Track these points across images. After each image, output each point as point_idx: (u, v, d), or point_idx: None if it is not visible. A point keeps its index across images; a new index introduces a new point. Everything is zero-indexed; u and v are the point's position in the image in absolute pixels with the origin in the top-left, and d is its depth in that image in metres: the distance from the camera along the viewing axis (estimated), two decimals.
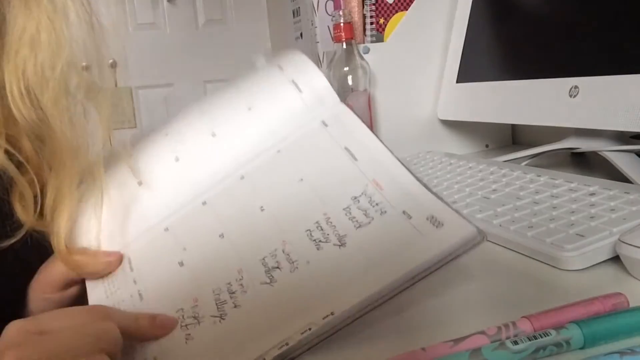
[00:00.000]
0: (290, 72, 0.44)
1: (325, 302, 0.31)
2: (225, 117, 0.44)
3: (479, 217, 0.49)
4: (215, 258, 0.37)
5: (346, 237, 0.34)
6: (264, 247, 0.36)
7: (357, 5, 0.82)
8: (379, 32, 0.83)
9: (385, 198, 0.35)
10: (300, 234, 0.35)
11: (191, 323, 0.33)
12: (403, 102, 0.84)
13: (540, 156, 0.70)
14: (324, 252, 0.34)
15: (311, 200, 0.37)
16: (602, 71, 0.56)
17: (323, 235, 0.35)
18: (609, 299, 0.31)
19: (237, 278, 0.35)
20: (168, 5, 2.14)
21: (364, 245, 0.33)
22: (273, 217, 0.38)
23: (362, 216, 0.34)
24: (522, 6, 0.72)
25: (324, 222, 0.35)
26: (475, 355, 0.27)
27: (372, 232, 0.34)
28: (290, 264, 0.34)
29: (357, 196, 0.36)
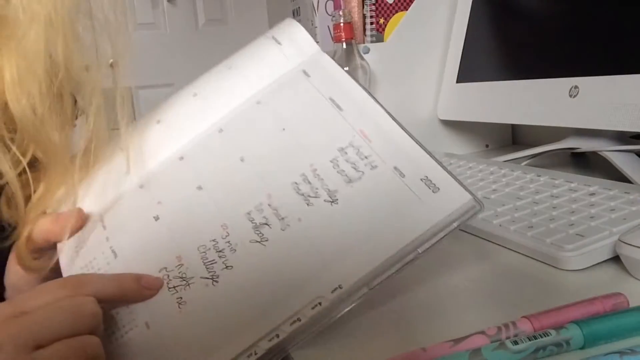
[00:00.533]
0: (271, 31, 0.44)
1: (330, 273, 0.29)
2: (206, 79, 0.44)
3: (479, 217, 0.49)
4: (194, 211, 0.35)
5: (337, 192, 0.32)
6: (247, 200, 0.33)
7: (357, 5, 0.82)
8: (379, 32, 0.83)
9: (375, 151, 0.33)
10: (285, 187, 0.33)
11: (179, 285, 0.31)
12: (403, 102, 0.84)
13: (540, 156, 0.70)
14: (316, 208, 0.32)
15: (295, 150, 0.35)
16: (602, 71, 0.56)
17: (312, 190, 0.32)
18: (609, 299, 0.31)
19: (222, 235, 0.32)
20: (168, 5, 2.14)
21: (358, 204, 0.31)
22: (254, 168, 0.35)
23: (352, 170, 0.33)
24: (522, 6, 0.72)
25: (310, 174, 0.33)
26: (475, 355, 0.27)
27: (365, 190, 0.32)
28: (279, 221, 0.32)
29: (344, 147, 0.34)
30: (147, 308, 0.31)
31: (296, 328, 0.28)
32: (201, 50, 2.20)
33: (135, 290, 0.32)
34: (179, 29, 2.18)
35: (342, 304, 0.29)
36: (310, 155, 0.34)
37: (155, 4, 2.14)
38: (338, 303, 0.29)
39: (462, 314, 0.35)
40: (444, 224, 0.30)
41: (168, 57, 2.17)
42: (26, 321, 0.27)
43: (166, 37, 2.17)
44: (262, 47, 0.43)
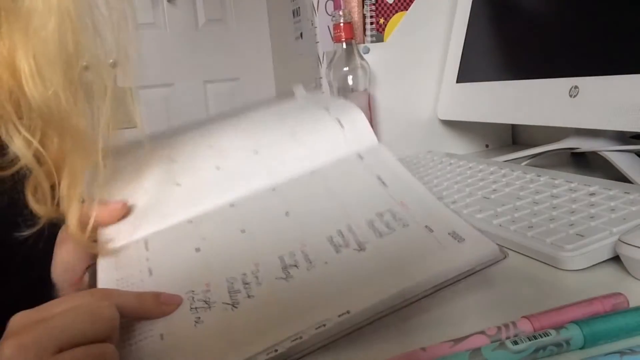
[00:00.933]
0: (335, 112, 0.49)
1: (342, 301, 0.31)
2: (268, 139, 0.48)
3: (479, 217, 0.49)
4: (233, 249, 0.38)
5: (367, 243, 0.36)
6: (283, 246, 0.37)
7: (357, 5, 0.82)
8: (379, 32, 0.83)
9: (409, 214, 0.37)
10: (320, 238, 0.37)
11: (201, 307, 0.34)
12: (403, 102, 0.84)
13: (540, 156, 0.70)
14: (343, 255, 0.35)
15: (337, 212, 0.40)
16: (602, 71, 0.56)
17: (343, 241, 0.36)
18: (609, 299, 0.31)
19: (252, 270, 0.36)
20: (168, 5, 2.14)
21: (384, 251, 0.35)
22: (297, 222, 0.40)
23: (384, 227, 0.37)
24: (522, 6, 0.72)
25: (346, 230, 0.37)
26: (475, 355, 0.27)
27: (393, 241, 0.35)
28: (307, 263, 0.35)
29: (382, 212, 0.38)
30: (165, 322, 0.33)
31: (296, 345, 0.30)
32: (201, 50, 2.20)
33: (154, 306, 0.34)
34: (179, 29, 2.18)
35: (347, 328, 0.31)
36: (349, 217, 0.39)
37: (155, 4, 2.13)
38: (343, 326, 0.31)
39: (462, 314, 0.35)
40: (463, 267, 0.32)
41: (168, 57, 2.17)
42: (48, 326, 0.28)
43: (166, 37, 2.17)
44: (325, 124, 0.48)
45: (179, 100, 2.21)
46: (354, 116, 0.48)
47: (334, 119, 0.48)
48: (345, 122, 0.47)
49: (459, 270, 0.32)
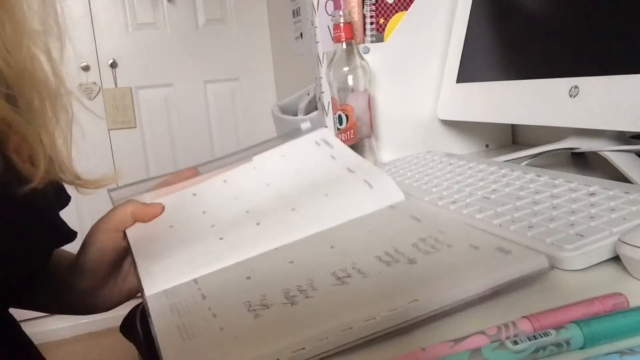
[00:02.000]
0: (362, 174, 0.53)
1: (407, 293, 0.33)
2: (304, 198, 0.52)
3: (479, 217, 0.49)
4: (283, 274, 0.41)
5: (416, 259, 0.38)
6: (336, 265, 0.40)
7: (357, 5, 0.82)
8: (379, 32, 0.83)
9: (451, 237, 0.40)
10: (369, 258, 0.40)
11: (260, 308, 0.36)
12: (403, 102, 0.84)
13: (540, 156, 0.70)
14: (395, 267, 0.38)
15: (381, 240, 0.43)
16: (602, 71, 0.56)
17: (392, 259, 0.39)
18: (609, 299, 0.31)
19: (306, 282, 0.38)
20: (168, 5, 2.14)
21: (434, 263, 0.37)
22: (342, 251, 0.43)
23: (430, 248, 0.39)
24: (522, 6, 0.72)
25: (392, 250, 0.40)
26: (475, 355, 0.27)
27: (441, 256, 0.38)
28: (361, 274, 0.38)
29: (425, 237, 0.41)
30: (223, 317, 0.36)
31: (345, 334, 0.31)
32: (201, 50, 2.20)
33: None
34: (179, 29, 2.18)
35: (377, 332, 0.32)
36: (393, 241, 0.42)
37: (155, 4, 2.14)
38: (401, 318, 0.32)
39: (462, 314, 0.35)
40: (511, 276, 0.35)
41: (168, 57, 2.17)
42: None
43: (166, 37, 2.17)
44: (355, 185, 0.52)
45: (179, 100, 2.21)
46: (380, 177, 0.52)
47: (362, 180, 0.52)
48: (373, 183, 0.51)
49: (508, 277, 0.34)
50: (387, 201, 0.50)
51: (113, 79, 2.10)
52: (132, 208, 0.51)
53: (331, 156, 0.58)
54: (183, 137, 2.22)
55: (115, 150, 2.14)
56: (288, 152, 0.61)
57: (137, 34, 2.12)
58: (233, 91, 2.28)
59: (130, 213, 0.51)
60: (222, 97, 2.27)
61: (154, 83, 2.17)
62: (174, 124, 2.23)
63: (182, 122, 2.23)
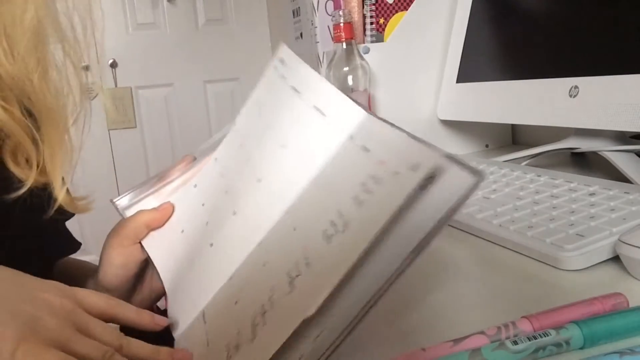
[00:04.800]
0: (310, 96, 0.44)
1: None
2: (265, 162, 0.46)
3: (479, 217, 0.49)
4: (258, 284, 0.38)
5: (350, 222, 0.32)
6: (290, 262, 0.36)
7: (357, 5, 0.82)
8: (379, 32, 0.83)
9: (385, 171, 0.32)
10: (317, 237, 0.35)
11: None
12: (403, 102, 0.84)
13: (540, 156, 0.70)
14: (334, 243, 0.33)
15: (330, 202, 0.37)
16: (602, 71, 0.56)
17: (335, 229, 0.33)
18: (608, 299, 0.31)
19: (268, 298, 0.35)
20: (168, 5, 2.14)
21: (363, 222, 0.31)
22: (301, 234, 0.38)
23: (366, 194, 0.33)
24: (522, 6, 0.72)
25: (336, 216, 0.34)
26: (475, 355, 0.27)
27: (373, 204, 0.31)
28: (307, 268, 0.34)
29: (364, 181, 0.34)
30: None
31: None
32: (201, 50, 2.20)
33: None
34: (179, 29, 2.18)
35: None
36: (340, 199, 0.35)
37: (155, 4, 2.14)
38: None
39: (462, 314, 0.35)
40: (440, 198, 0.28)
41: (168, 57, 2.17)
42: None
43: (166, 37, 2.17)
44: (307, 121, 0.43)
45: (179, 100, 2.21)
46: (330, 97, 0.42)
47: (312, 108, 0.43)
48: (325, 109, 0.42)
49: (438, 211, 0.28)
50: (346, 129, 0.41)
51: (113, 79, 2.10)
52: (145, 218, 0.50)
53: (282, 76, 0.48)
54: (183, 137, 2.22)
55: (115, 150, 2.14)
56: (257, 92, 0.53)
57: (137, 34, 2.12)
58: (233, 91, 2.28)
59: (143, 224, 0.50)
60: (222, 97, 2.27)
61: (154, 83, 2.17)
62: (174, 124, 2.23)
63: (182, 122, 2.23)
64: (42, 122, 0.41)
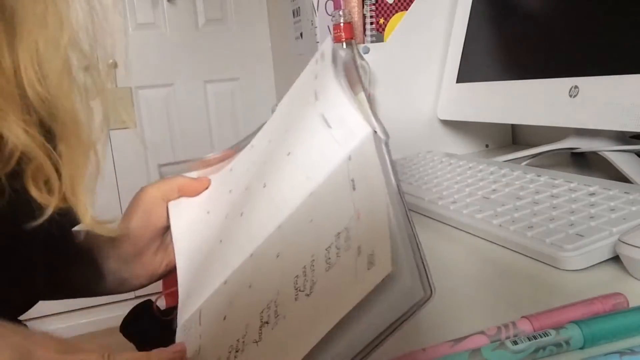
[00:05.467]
0: (320, 103, 0.42)
1: None
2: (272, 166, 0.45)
3: (479, 217, 0.49)
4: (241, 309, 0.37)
5: (316, 284, 0.29)
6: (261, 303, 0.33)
7: (357, 5, 0.82)
8: (379, 32, 0.83)
9: (357, 231, 0.29)
10: (289, 282, 0.32)
11: None
12: (403, 102, 0.84)
13: (540, 156, 0.70)
14: (299, 302, 0.30)
15: (310, 244, 0.34)
16: (602, 71, 0.56)
17: (303, 284, 0.30)
18: (608, 299, 0.31)
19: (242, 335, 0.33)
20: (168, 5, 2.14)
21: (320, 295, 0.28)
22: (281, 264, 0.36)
23: (334, 256, 0.29)
24: (522, 6, 0.72)
25: (309, 267, 0.31)
26: (475, 355, 0.27)
27: (330, 277, 0.28)
28: (275, 318, 0.31)
29: (340, 232, 0.30)
30: None
31: None
32: (201, 50, 2.20)
33: None
34: (179, 29, 2.18)
35: None
36: (317, 247, 0.32)
37: (155, 4, 2.13)
38: None
39: (462, 314, 0.35)
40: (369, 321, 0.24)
41: (168, 57, 2.17)
42: None
43: (166, 37, 2.17)
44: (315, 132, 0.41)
45: (179, 100, 2.21)
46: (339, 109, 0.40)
47: (319, 115, 0.41)
48: (331, 120, 0.40)
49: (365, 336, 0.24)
50: (350, 144, 0.37)
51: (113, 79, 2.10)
52: (180, 181, 0.52)
53: (315, 75, 0.46)
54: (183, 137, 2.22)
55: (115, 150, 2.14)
56: (295, 86, 0.50)
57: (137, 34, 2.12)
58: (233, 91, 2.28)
59: (177, 186, 0.52)
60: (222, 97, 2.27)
61: (154, 83, 2.17)
62: (174, 124, 2.23)
63: (182, 122, 2.23)
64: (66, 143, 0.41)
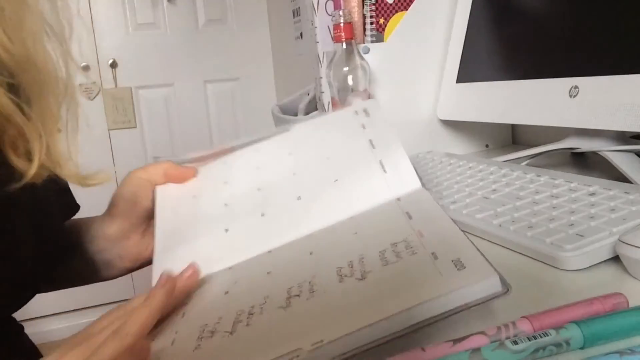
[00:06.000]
0: (380, 151, 0.49)
1: (319, 330, 0.29)
2: (312, 184, 0.49)
3: (479, 217, 0.49)
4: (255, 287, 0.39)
5: (370, 272, 0.34)
6: (294, 280, 0.37)
7: (357, 5, 0.82)
8: (379, 32, 0.83)
9: (422, 242, 0.35)
10: (330, 270, 0.37)
11: (206, 337, 0.34)
12: (403, 102, 0.84)
13: (540, 156, 0.70)
14: (344, 284, 0.34)
15: (356, 246, 0.39)
16: (602, 71, 0.56)
17: (350, 272, 0.35)
18: (608, 299, 0.31)
19: (260, 303, 0.36)
20: (168, 5, 2.14)
21: (381, 280, 0.33)
22: (317, 259, 0.40)
23: (393, 257, 0.35)
24: (522, 6, 0.72)
25: (357, 261, 0.37)
26: (475, 355, 0.27)
27: (396, 269, 0.33)
28: (309, 293, 0.35)
29: (397, 242, 0.37)
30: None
31: None
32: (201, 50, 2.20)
33: None
34: (179, 29, 2.18)
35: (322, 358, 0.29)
36: (366, 248, 0.38)
37: (155, 4, 2.14)
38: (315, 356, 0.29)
39: (462, 313, 0.35)
40: (453, 297, 0.29)
41: (168, 57, 2.17)
42: None
43: (166, 37, 2.17)
44: (368, 170, 0.48)
45: (179, 100, 2.21)
46: (397, 158, 0.48)
47: (377, 161, 0.48)
48: (388, 167, 0.48)
49: (447, 300, 0.29)
50: (399, 191, 0.45)
51: (113, 79, 2.10)
52: (167, 166, 0.53)
53: (362, 125, 0.53)
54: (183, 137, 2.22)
55: (115, 150, 2.14)
56: (325, 120, 0.57)
57: (137, 34, 2.12)
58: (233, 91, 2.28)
59: (163, 170, 0.53)
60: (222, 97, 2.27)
61: (154, 83, 2.17)
62: (174, 124, 2.23)
63: (182, 122, 2.23)
64: (36, 94, 0.41)
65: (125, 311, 0.36)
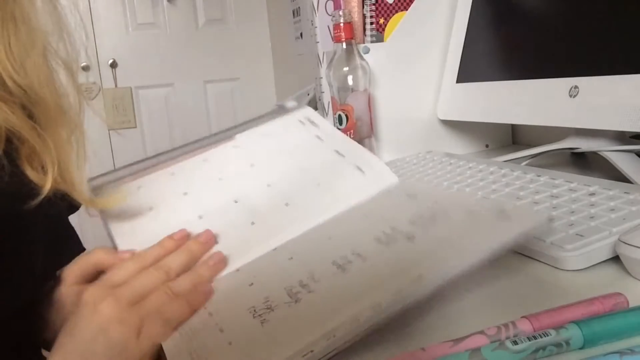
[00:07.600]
0: (352, 158, 0.53)
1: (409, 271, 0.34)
2: (295, 191, 0.51)
3: None
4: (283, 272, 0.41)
5: (415, 235, 0.38)
6: (333, 254, 0.40)
7: (357, 5, 0.82)
8: (379, 32, 0.83)
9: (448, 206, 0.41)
10: (368, 241, 0.40)
11: (265, 312, 0.35)
12: (403, 102, 0.84)
13: (540, 156, 0.70)
14: (394, 246, 0.38)
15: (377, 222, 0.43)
16: (602, 71, 0.56)
17: (391, 238, 0.39)
18: (608, 299, 0.31)
19: (307, 276, 0.38)
20: (168, 5, 2.14)
21: (434, 236, 0.37)
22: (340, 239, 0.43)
23: (428, 221, 0.40)
24: (522, 6, 0.72)
25: (389, 230, 0.40)
26: (475, 355, 0.27)
27: (441, 227, 0.38)
28: (361, 258, 0.38)
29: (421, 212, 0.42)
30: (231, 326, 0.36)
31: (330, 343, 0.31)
32: (201, 50, 2.20)
33: None
34: (179, 29, 2.18)
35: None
36: (392, 219, 0.42)
37: (155, 4, 2.14)
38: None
39: (462, 314, 0.35)
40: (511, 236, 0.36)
41: (168, 57, 2.17)
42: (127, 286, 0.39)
43: (166, 37, 2.17)
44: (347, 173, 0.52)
45: (179, 100, 2.21)
46: (371, 161, 0.52)
47: (353, 166, 0.52)
48: (365, 168, 0.51)
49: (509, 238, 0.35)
50: (381, 186, 0.50)
51: (113, 79, 2.10)
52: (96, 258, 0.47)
53: (317, 137, 0.56)
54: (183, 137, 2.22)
55: (115, 150, 2.14)
56: (271, 130, 0.59)
57: (137, 34, 2.12)
58: (233, 91, 2.28)
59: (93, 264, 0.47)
60: (222, 97, 2.27)
61: (154, 83, 2.17)
62: (174, 124, 2.23)
63: (182, 122, 2.23)
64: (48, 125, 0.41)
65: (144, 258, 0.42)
